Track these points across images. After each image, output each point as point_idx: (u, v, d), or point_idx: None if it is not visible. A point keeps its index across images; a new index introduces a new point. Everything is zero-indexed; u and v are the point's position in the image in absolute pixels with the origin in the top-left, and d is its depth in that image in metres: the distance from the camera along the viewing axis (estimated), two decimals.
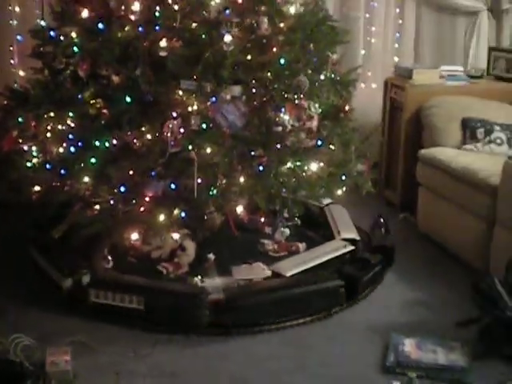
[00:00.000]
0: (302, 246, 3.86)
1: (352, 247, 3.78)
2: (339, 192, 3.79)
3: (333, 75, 3.70)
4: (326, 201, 4.20)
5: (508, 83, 4.80)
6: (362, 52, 5.35)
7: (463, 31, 5.34)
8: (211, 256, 3.60)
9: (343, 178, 3.71)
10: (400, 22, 5.38)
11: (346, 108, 3.70)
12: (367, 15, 5.30)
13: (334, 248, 3.76)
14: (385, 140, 4.92)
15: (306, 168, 3.49)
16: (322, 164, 3.59)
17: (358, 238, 3.89)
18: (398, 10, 5.35)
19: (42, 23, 4.13)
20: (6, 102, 3.76)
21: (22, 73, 4.68)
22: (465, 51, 5.32)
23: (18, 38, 4.68)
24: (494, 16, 5.26)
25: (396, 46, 5.43)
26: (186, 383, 2.83)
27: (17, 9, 4.73)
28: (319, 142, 3.49)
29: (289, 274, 3.47)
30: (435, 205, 4.16)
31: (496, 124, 4.25)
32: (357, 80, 3.92)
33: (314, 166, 3.52)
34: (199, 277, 3.40)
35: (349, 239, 3.86)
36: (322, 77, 3.64)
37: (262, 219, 3.82)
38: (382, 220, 4.04)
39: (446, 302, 3.48)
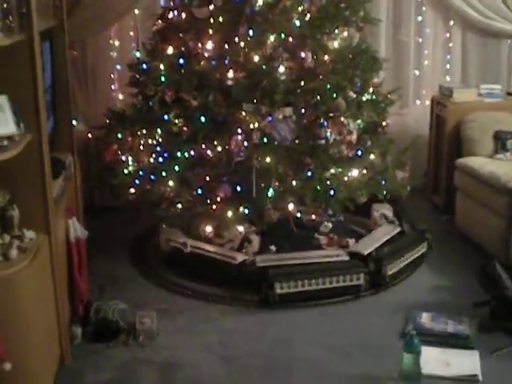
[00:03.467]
0: (351, 241, 4.51)
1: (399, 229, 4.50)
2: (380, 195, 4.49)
3: (374, 96, 4.41)
4: None
5: None
6: (416, 73, 5.99)
7: (507, 52, 5.89)
8: (273, 247, 4.37)
9: (382, 183, 4.41)
10: (450, 45, 5.99)
11: (383, 124, 4.40)
12: (420, 40, 5.95)
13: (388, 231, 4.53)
14: (432, 151, 5.58)
15: (348, 174, 4.21)
16: (363, 171, 4.30)
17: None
18: (447, 35, 5.97)
19: (138, 55, 5.00)
20: (107, 121, 4.56)
21: (121, 96, 5.49)
22: (508, 71, 5.88)
23: (118, 67, 5.50)
24: None
25: (448, 66, 6.04)
26: (240, 340, 3.59)
27: (116, 42, 5.53)
28: (359, 152, 4.20)
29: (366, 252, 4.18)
30: (469, 206, 4.79)
31: None
32: (394, 101, 4.55)
33: (354, 172, 4.23)
34: None
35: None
36: (364, 98, 4.36)
37: (314, 216, 4.53)
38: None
39: (470, 287, 3.99)
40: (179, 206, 4.35)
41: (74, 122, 4.44)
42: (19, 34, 2.77)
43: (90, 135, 5.38)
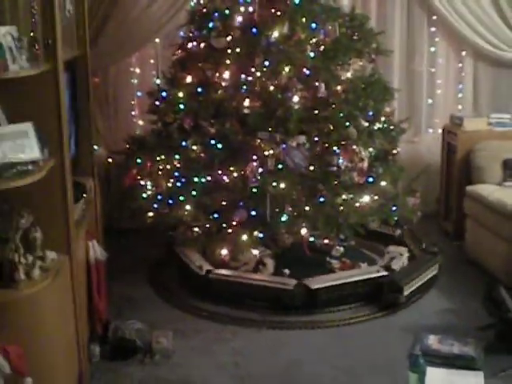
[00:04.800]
0: (363, 265, 4.64)
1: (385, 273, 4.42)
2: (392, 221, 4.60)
3: (385, 125, 4.55)
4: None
5: None
6: (429, 102, 6.12)
7: None
8: (286, 271, 4.49)
9: (393, 208, 4.52)
10: (463, 74, 6.11)
11: (394, 152, 4.53)
12: (432, 70, 6.09)
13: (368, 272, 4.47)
14: (444, 178, 5.69)
15: (359, 200, 4.33)
16: (374, 197, 4.42)
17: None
18: (460, 65, 6.09)
19: (158, 82, 5.17)
20: (127, 147, 4.74)
21: (141, 123, 5.67)
22: None
23: (138, 94, 5.68)
24: None
25: (460, 95, 6.16)
26: (252, 359, 3.71)
27: (137, 70, 5.71)
28: (370, 179, 4.33)
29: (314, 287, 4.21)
30: (478, 232, 4.90)
31: None
32: (405, 129, 4.69)
33: (366, 199, 4.35)
34: None
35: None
36: (376, 127, 4.49)
37: (327, 241, 4.65)
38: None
39: (476, 311, 4.11)
40: (196, 229, 4.48)
41: (95, 147, 4.62)
42: (45, 64, 2.94)
43: (110, 160, 5.55)
